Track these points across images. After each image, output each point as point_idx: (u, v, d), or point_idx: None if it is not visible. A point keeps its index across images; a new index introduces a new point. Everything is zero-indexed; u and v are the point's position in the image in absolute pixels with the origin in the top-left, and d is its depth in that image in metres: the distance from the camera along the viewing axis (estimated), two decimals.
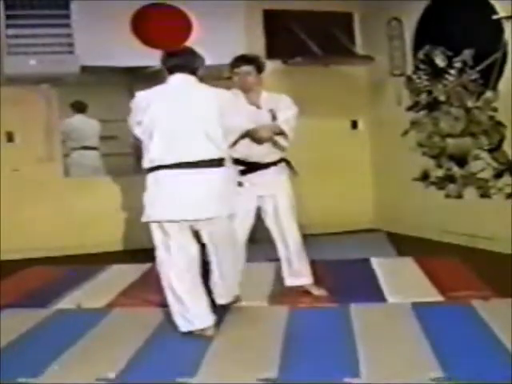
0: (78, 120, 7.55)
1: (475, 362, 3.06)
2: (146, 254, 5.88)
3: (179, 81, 3.66)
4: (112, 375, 3.04)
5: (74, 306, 4.34)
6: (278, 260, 4.48)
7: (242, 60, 4.22)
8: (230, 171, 3.76)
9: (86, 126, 7.62)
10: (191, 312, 3.59)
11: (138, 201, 6.23)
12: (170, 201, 3.55)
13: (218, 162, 3.60)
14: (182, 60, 3.68)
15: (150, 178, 3.60)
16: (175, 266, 3.61)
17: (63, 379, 3.04)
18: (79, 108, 7.54)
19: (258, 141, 4.10)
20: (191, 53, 3.75)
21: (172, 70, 3.68)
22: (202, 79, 3.75)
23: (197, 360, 3.19)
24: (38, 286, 4.91)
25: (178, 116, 3.57)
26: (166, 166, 3.52)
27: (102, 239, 6.27)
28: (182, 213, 3.57)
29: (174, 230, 3.60)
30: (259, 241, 4.49)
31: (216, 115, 3.59)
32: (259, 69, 4.24)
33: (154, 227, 3.64)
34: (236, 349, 3.40)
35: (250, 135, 4.01)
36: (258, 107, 4.23)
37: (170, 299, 3.66)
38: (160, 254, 3.66)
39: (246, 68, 4.18)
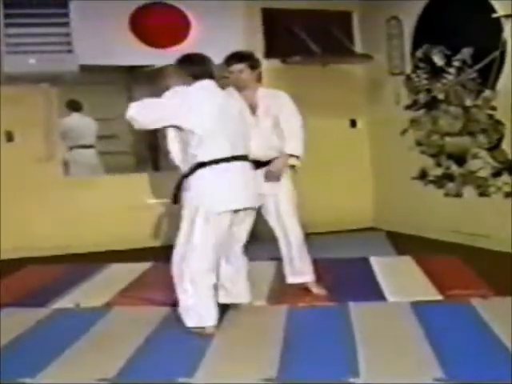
0: (74, 119, 7.56)
1: (475, 361, 3.06)
2: (146, 253, 5.94)
3: (210, 84, 3.76)
4: (111, 375, 3.03)
5: (72, 306, 4.34)
6: (278, 259, 4.49)
7: (234, 58, 4.19)
8: None
9: (82, 124, 7.63)
10: (205, 308, 3.62)
11: (137, 199, 6.33)
12: (232, 191, 3.68)
13: (248, 157, 3.82)
14: (205, 67, 3.78)
15: (209, 170, 3.63)
16: (207, 260, 3.63)
17: (62, 379, 3.03)
18: (74, 107, 7.56)
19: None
20: (208, 60, 3.84)
21: (197, 77, 3.74)
22: None
23: (196, 360, 3.18)
24: (37, 285, 4.90)
25: (227, 114, 3.72)
26: (223, 160, 3.64)
27: (100, 238, 6.26)
28: (245, 201, 3.74)
29: (225, 222, 3.66)
30: (259, 239, 4.49)
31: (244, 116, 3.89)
32: (252, 66, 4.21)
33: (202, 218, 3.61)
34: (235, 348, 3.40)
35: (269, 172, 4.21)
36: (255, 106, 4.22)
37: (187, 292, 3.64)
38: (195, 245, 3.62)
39: (238, 66, 4.16)
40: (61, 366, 3.19)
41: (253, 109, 4.21)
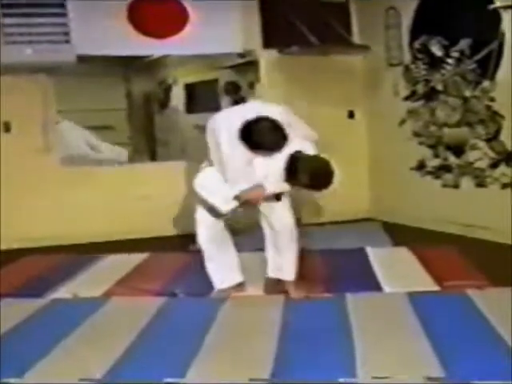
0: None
1: (471, 352, 3.08)
2: (143, 243, 5.94)
3: None
4: (101, 374, 2.99)
5: (70, 296, 4.35)
6: None
7: None
8: None
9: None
10: None
11: (134, 190, 6.31)
12: None
13: None
14: None
15: None
16: None
17: (54, 376, 3.01)
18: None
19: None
20: None
21: None
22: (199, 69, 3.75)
23: (188, 358, 3.12)
24: (35, 275, 4.90)
25: None
26: None
27: (98, 229, 6.26)
28: None
29: None
30: (255, 230, 4.49)
31: None
32: None
33: None
34: (229, 346, 3.35)
35: None
36: None
37: None
38: None
39: None
40: (55, 361, 3.18)
41: None
